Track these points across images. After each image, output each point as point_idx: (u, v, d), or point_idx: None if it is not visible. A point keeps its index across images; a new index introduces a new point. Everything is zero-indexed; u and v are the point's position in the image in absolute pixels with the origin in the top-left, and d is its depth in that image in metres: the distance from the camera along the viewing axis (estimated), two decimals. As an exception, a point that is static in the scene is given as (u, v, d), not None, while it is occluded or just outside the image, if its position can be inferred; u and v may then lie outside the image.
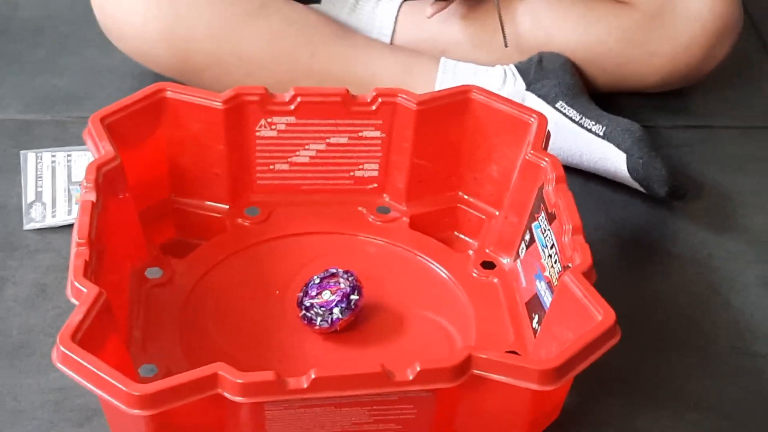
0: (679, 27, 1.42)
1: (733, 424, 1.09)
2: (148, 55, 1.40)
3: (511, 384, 0.91)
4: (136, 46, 1.40)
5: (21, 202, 1.27)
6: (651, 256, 1.31)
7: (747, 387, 1.13)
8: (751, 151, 1.46)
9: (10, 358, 1.09)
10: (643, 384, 1.12)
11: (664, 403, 1.10)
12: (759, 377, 1.15)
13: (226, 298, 1.15)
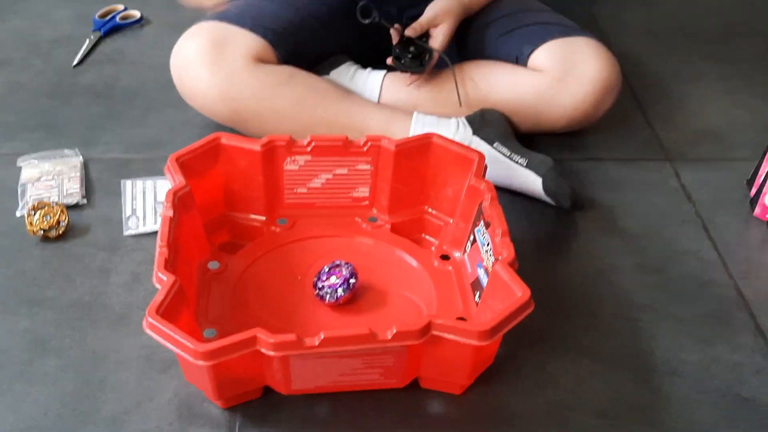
0: (577, 87, 1.39)
1: (612, 366, 1.09)
2: (210, 111, 1.37)
3: (459, 341, 0.93)
4: (202, 104, 1.37)
5: (122, 215, 1.26)
6: (558, 249, 1.30)
7: (623, 341, 1.13)
8: (627, 176, 1.43)
9: (114, 325, 1.09)
10: (552, 339, 1.11)
11: (566, 353, 1.10)
12: (632, 333, 1.14)
13: (263, 282, 1.14)
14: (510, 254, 1.03)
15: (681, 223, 1.34)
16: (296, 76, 1.38)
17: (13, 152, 1.37)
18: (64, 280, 1.15)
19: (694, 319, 1.16)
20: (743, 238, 1.33)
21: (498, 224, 1.07)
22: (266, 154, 1.19)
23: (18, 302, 1.12)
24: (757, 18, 1.94)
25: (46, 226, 1.20)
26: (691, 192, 1.41)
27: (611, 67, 1.41)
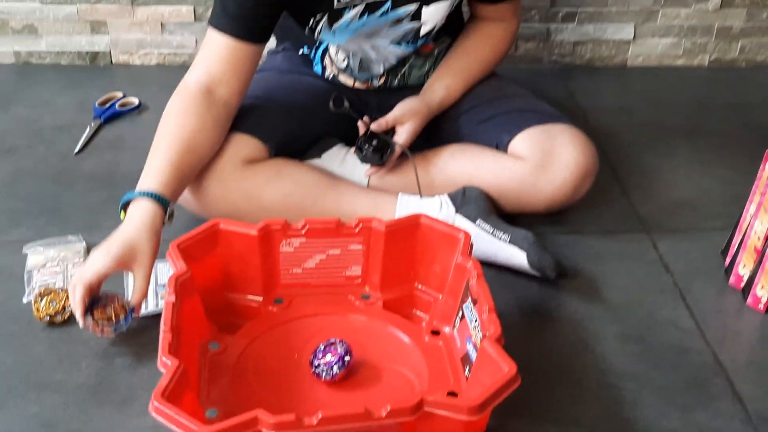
0: (555, 173, 1.40)
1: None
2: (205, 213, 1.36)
3: (450, 416, 0.95)
4: (194, 208, 1.38)
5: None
6: (543, 321, 1.30)
7: (607, 409, 1.14)
8: (607, 248, 1.45)
9: (120, 407, 1.10)
10: (539, 410, 1.12)
11: (554, 423, 1.11)
12: (615, 402, 1.15)
13: (262, 361, 1.14)
14: (497, 330, 1.05)
15: (660, 293, 1.37)
16: (284, 171, 1.39)
17: (19, 239, 1.39)
18: (71, 364, 1.17)
19: (674, 387, 1.18)
20: (719, 307, 1.35)
21: (485, 301, 1.10)
22: (263, 238, 1.21)
23: (27, 387, 1.13)
24: (724, 92, 1.98)
25: (52, 311, 1.22)
26: (668, 262, 1.43)
27: (588, 153, 1.42)
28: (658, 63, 2.07)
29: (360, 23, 1.40)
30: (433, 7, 1.41)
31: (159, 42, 1.93)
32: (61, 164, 1.60)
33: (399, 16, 1.40)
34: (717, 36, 2.05)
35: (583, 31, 2.01)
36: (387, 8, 1.38)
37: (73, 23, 1.88)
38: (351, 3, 1.36)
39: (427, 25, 1.44)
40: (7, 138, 1.67)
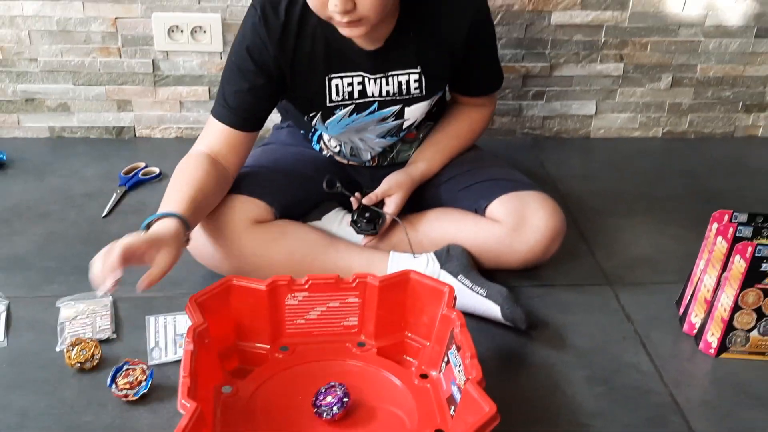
0: (528, 235, 1.41)
1: None
2: (217, 268, 1.39)
3: None
4: (208, 263, 1.40)
5: (147, 347, 1.28)
6: (519, 366, 1.30)
7: None
8: (574, 299, 1.46)
9: None
10: None
11: None
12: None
13: (269, 402, 1.15)
14: (478, 374, 1.06)
15: (622, 340, 1.37)
16: (288, 231, 1.40)
17: (53, 294, 1.39)
18: (98, 407, 1.17)
19: (636, 424, 1.19)
20: (675, 352, 1.35)
21: (467, 348, 1.11)
22: (270, 293, 1.23)
23: (59, 428, 1.13)
24: (676, 161, 2.01)
25: (82, 359, 1.23)
26: (629, 312, 1.44)
27: (557, 216, 1.43)
28: (618, 135, 2.09)
29: (350, 120, 1.43)
30: (414, 107, 1.45)
31: (177, 118, 1.95)
32: (90, 227, 1.61)
33: (384, 115, 1.44)
34: (668, 111, 2.08)
35: (551, 108, 2.04)
36: (374, 108, 1.42)
37: (101, 102, 1.90)
38: (342, 104, 1.40)
39: (409, 120, 1.47)
40: (42, 204, 1.67)
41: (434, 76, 1.41)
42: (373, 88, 1.39)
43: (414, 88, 1.41)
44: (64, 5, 1.80)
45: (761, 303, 1.30)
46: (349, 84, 1.38)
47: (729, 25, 1.99)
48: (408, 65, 1.39)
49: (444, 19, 1.37)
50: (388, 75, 1.39)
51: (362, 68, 1.37)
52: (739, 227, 1.32)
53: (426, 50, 1.38)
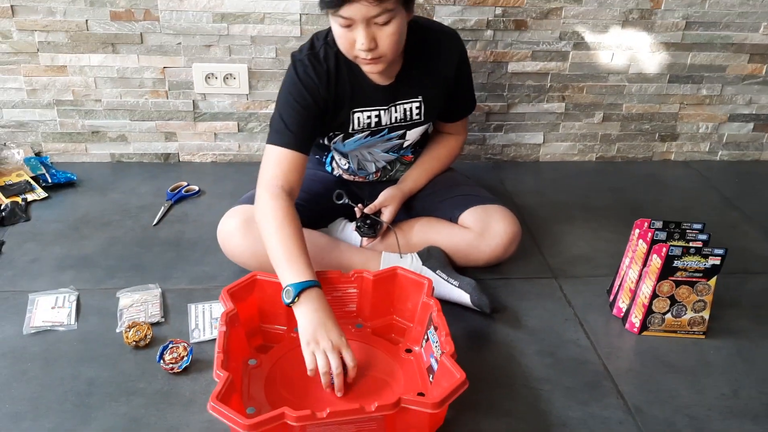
0: (492, 239, 1.42)
1: (524, 422, 1.11)
2: (244, 264, 1.37)
3: (419, 410, 0.97)
4: (239, 260, 1.37)
5: (188, 329, 1.28)
6: (484, 342, 1.30)
7: (530, 404, 1.15)
8: (528, 289, 1.45)
9: (185, 406, 1.11)
10: (482, 405, 1.13)
11: (493, 414, 1.12)
12: (536, 399, 1.15)
13: (286, 372, 1.16)
14: (451, 349, 1.07)
15: (564, 321, 1.38)
16: None
17: (114, 287, 1.39)
18: (150, 376, 1.17)
19: (576, 388, 1.20)
20: (606, 330, 1.35)
21: (443, 328, 1.12)
22: (287, 287, 1.23)
23: (119, 393, 1.14)
24: (606, 179, 2.00)
25: (137, 338, 1.23)
26: (570, 299, 1.44)
27: (515, 225, 1.44)
28: (561, 159, 2.09)
29: (364, 140, 1.44)
30: (414, 130, 1.47)
31: (213, 146, 1.94)
32: (143, 233, 1.61)
33: (391, 137, 1.45)
34: (600, 140, 2.08)
35: (508, 138, 2.04)
36: (385, 132, 1.43)
37: (152, 134, 1.90)
38: (360, 130, 1.41)
39: (409, 141, 1.48)
40: (105, 215, 1.67)
41: (431, 104, 1.43)
42: (385, 118, 1.41)
43: (415, 114, 1.43)
44: (123, 57, 1.80)
45: (673, 292, 1.31)
46: (368, 117, 1.39)
47: (647, 73, 2.00)
48: (411, 96, 1.41)
49: (440, 59, 1.40)
50: (396, 104, 1.40)
51: (377, 102, 1.38)
52: (656, 232, 1.32)
53: (426, 84, 1.40)
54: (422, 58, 1.37)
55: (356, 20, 1.18)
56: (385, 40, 1.21)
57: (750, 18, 1.94)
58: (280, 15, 1.79)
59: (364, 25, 1.18)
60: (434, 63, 1.39)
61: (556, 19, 1.88)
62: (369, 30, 1.19)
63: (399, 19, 1.21)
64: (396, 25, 1.21)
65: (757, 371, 1.26)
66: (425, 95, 1.41)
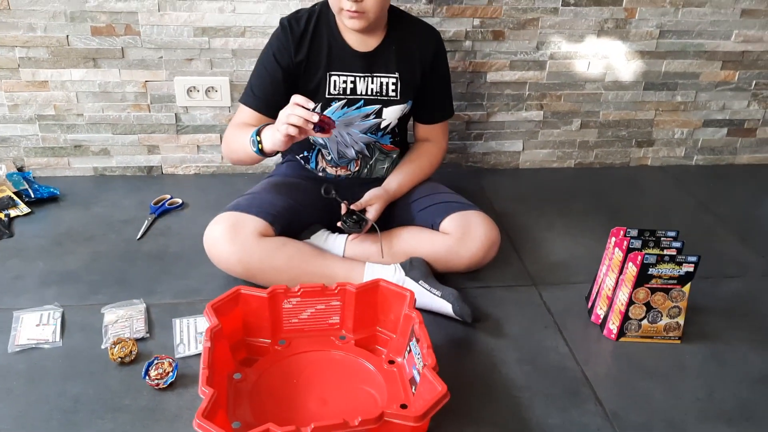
0: (471, 243, 1.43)
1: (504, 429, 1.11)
2: (230, 270, 1.39)
3: (402, 423, 0.98)
4: (225, 266, 1.39)
5: (173, 343, 1.28)
6: (465, 351, 1.30)
7: (511, 411, 1.16)
8: (508, 297, 1.46)
9: (171, 422, 1.11)
10: (464, 414, 1.14)
11: (474, 423, 1.13)
12: (516, 406, 1.16)
13: (271, 385, 1.16)
14: (433, 361, 1.09)
15: (544, 328, 1.39)
16: (287, 243, 1.41)
17: (98, 303, 1.39)
18: (136, 392, 1.17)
19: (556, 395, 1.21)
20: (584, 337, 1.37)
21: (424, 340, 1.14)
22: (270, 299, 1.24)
23: (104, 410, 1.14)
24: (585, 185, 2.01)
25: (122, 354, 1.23)
26: (549, 306, 1.46)
27: (493, 230, 1.46)
28: (540, 166, 2.11)
29: (341, 113, 1.49)
30: (390, 109, 1.52)
31: (196, 159, 1.94)
32: (127, 247, 1.60)
33: (367, 111, 1.50)
34: (579, 147, 2.11)
35: (488, 146, 2.06)
36: (360, 104, 1.49)
37: (135, 146, 1.90)
38: (337, 97, 1.47)
39: (386, 121, 1.52)
40: (88, 229, 1.66)
41: (407, 83, 1.50)
42: (361, 86, 1.47)
43: (392, 90, 1.49)
44: (104, 72, 1.80)
45: (649, 299, 1.33)
46: (344, 81, 1.46)
47: (623, 81, 2.03)
48: (389, 70, 1.48)
49: (417, 41, 1.50)
50: (373, 75, 1.47)
51: (354, 68, 1.46)
52: (631, 240, 1.34)
53: (403, 61, 1.48)
54: (401, 38, 1.48)
55: None
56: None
57: (722, 26, 1.98)
58: (261, 28, 1.79)
59: None
60: (411, 45, 1.49)
61: (533, 29, 1.90)
62: None
63: None
64: None
65: (731, 374, 1.28)
66: (401, 73, 1.49)
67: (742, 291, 1.54)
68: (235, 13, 1.77)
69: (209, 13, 1.76)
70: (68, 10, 1.72)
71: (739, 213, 1.89)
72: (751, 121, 2.14)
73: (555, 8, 1.89)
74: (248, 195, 1.52)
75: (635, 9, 1.92)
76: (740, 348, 1.36)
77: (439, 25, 1.85)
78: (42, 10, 1.71)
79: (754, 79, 2.07)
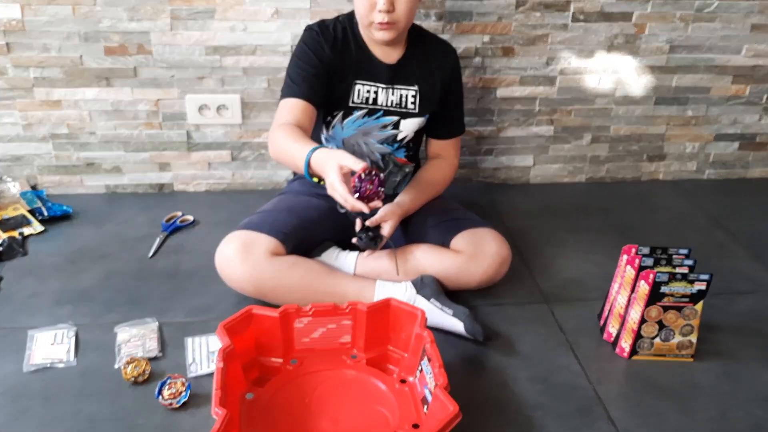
0: (483, 261, 1.44)
1: None
2: (242, 289, 1.40)
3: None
4: (237, 285, 1.40)
5: (186, 363, 1.29)
6: (477, 369, 1.31)
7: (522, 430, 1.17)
8: (520, 314, 1.47)
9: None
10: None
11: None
12: (529, 426, 1.17)
13: (283, 405, 1.17)
14: (444, 381, 1.09)
15: (556, 346, 1.40)
16: (299, 262, 1.43)
17: (111, 321, 1.41)
18: (149, 412, 1.18)
19: (568, 413, 1.22)
20: (597, 355, 1.37)
21: (436, 359, 1.14)
22: (282, 318, 1.25)
23: (119, 429, 1.15)
24: (596, 201, 2.03)
25: (136, 374, 1.24)
26: (561, 324, 1.46)
27: (505, 247, 1.47)
28: (551, 181, 2.12)
29: (362, 122, 1.53)
30: (408, 121, 1.55)
31: (207, 175, 1.96)
32: (139, 265, 1.62)
33: (386, 122, 1.54)
34: (589, 162, 2.11)
35: (498, 161, 2.07)
36: (380, 114, 1.53)
37: (147, 164, 1.92)
38: (358, 106, 1.51)
39: (403, 133, 1.56)
40: (101, 247, 1.68)
41: (425, 97, 1.54)
42: (382, 97, 1.52)
43: (410, 103, 1.54)
44: (117, 90, 1.83)
45: (661, 317, 1.34)
46: (367, 90, 1.50)
47: (634, 95, 2.04)
48: (409, 83, 1.53)
49: (436, 56, 1.56)
50: (394, 87, 1.52)
51: (379, 79, 1.50)
52: (643, 258, 1.35)
53: (423, 75, 1.53)
54: (421, 53, 1.53)
55: None
56: (402, 6, 1.38)
57: (732, 41, 1.99)
58: (272, 46, 1.82)
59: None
60: (430, 60, 1.54)
61: (542, 45, 1.92)
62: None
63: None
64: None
65: (744, 392, 1.29)
66: (421, 86, 1.53)
67: (756, 308, 1.54)
68: (246, 32, 1.80)
69: (221, 32, 1.79)
70: (82, 30, 1.75)
71: (752, 228, 1.89)
72: (763, 135, 2.15)
73: (565, 24, 1.90)
74: (260, 213, 1.54)
75: (645, 24, 1.93)
76: (753, 366, 1.36)
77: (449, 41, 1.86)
78: (56, 31, 1.75)
79: (765, 93, 2.08)
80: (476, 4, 1.84)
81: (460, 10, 1.84)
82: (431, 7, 1.83)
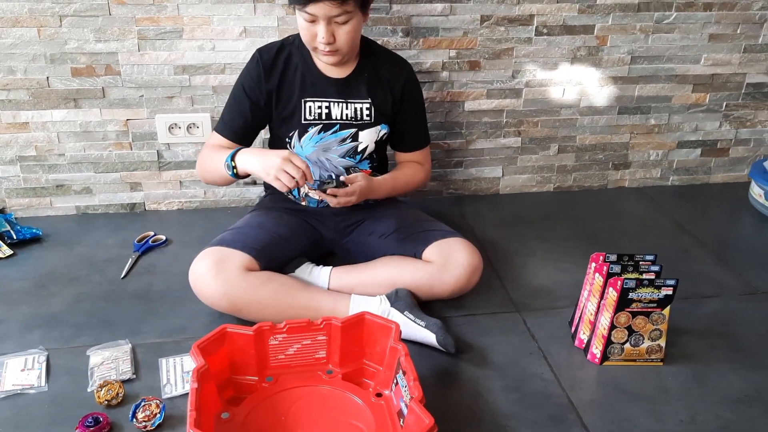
0: (454, 270, 1.45)
1: None
2: (216, 305, 1.39)
3: None
4: (210, 302, 1.39)
5: (160, 384, 1.27)
6: (451, 381, 1.30)
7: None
8: (492, 324, 1.47)
9: None
10: None
11: None
12: None
13: (259, 424, 1.15)
14: (419, 394, 1.09)
15: (529, 355, 1.40)
16: (272, 277, 1.42)
17: (83, 345, 1.38)
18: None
19: (542, 422, 1.22)
20: (569, 362, 1.38)
21: (411, 373, 1.14)
22: (256, 336, 1.24)
23: (92, 455, 1.13)
24: (564, 209, 2.05)
25: (109, 397, 1.22)
26: (533, 332, 1.47)
27: (476, 256, 1.48)
28: (520, 191, 2.14)
29: (318, 137, 1.53)
30: (366, 132, 1.56)
31: (179, 194, 1.95)
32: (111, 287, 1.60)
33: (344, 136, 1.54)
34: (557, 171, 2.14)
35: (468, 173, 2.09)
36: (336, 128, 1.54)
37: (117, 184, 1.91)
38: (313, 122, 1.52)
39: (363, 144, 1.56)
40: (72, 270, 1.66)
41: (379, 108, 1.56)
42: (336, 111, 1.53)
43: (365, 114, 1.55)
44: (85, 111, 1.82)
45: (630, 322, 1.35)
46: (318, 107, 1.52)
47: (598, 106, 2.07)
48: (362, 97, 1.54)
49: (388, 70, 1.57)
50: (348, 101, 1.53)
51: (328, 94, 1.52)
52: (611, 266, 1.37)
53: (374, 88, 1.55)
54: (372, 67, 1.55)
55: (319, 17, 1.36)
56: (342, 36, 1.40)
57: (691, 51, 2.03)
58: (240, 65, 1.81)
59: (326, 22, 1.37)
60: (381, 73, 1.56)
61: (508, 58, 1.95)
62: (329, 27, 1.38)
63: (356, 21, 1.41)
64: (353, 24, 1.40)
65: (713, 395, 1.30)
66: (373, 99, 1.54)
67: (721, 311, 1.57)
68: (215, 51, 1.80)
69: (189, 51, 1.79)
70: (48, 52, 1.73)
71: (715, 232, 1.93)
72: (724, 141, 2.20)
73: (529, 38, 1.93)
74: (233, 230, 1.53)
75: (606, 37, 1.97)
76: (721, 368, 1.38)
77: (416, 57, 1.88)
78: (22, 53, 1.73)
79: (724, 100, 2.13)
80: (442, 20, 1.86)
81: (426, 26, 1.86)
82: (398, 23, 1.85)
